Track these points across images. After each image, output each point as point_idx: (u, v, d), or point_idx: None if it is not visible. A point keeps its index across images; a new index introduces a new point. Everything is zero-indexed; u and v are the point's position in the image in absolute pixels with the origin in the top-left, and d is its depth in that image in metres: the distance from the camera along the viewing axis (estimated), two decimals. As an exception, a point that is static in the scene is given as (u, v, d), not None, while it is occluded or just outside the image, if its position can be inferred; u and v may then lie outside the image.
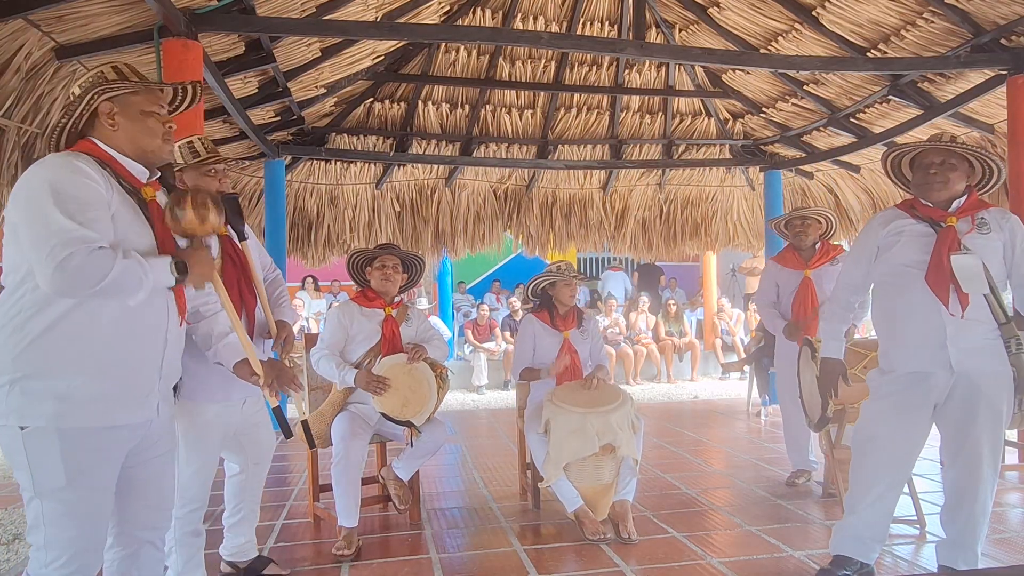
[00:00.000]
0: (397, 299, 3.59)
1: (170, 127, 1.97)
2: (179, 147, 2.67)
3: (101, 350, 1.79)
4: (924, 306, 2.61)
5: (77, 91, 1.87)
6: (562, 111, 7.41)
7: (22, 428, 1.74)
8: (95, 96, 1.85)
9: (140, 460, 1.94)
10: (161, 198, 1.98)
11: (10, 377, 1.75)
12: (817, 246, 4.33)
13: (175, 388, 2.17)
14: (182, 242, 1.95)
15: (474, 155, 7.38)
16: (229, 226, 2.69)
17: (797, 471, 4.34)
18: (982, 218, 2.65)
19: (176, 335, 1.98)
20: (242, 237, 2.72)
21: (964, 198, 2.68)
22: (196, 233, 1.93)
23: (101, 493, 1.84)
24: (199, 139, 2.74)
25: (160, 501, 2.04)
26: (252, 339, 2.72)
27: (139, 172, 1.92)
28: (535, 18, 6.44)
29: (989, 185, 2.77)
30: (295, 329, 3.15)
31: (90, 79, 1.87)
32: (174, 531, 2.58)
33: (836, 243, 4.50)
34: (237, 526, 2.88)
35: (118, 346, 1.81)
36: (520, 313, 9.56)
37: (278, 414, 2.26)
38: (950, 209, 2.67)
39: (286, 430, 2.27)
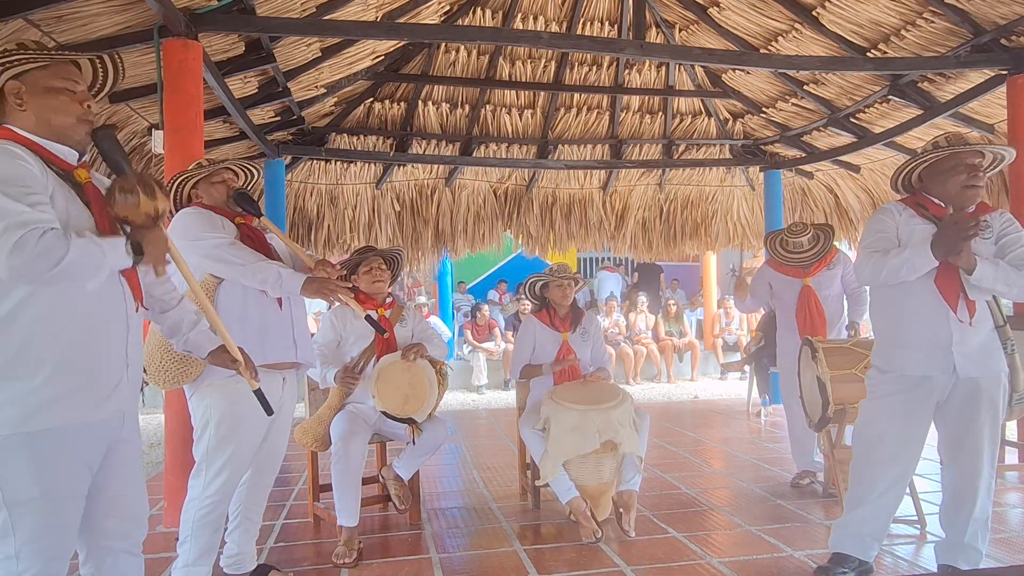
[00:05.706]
0: (389, 299, 3.60)
1: (88, 107, 1.81)
2: (191, 168, 2.78)
3: (61, 345, 1.70)
4: (931, 309, 2.59)
5: None
6: (562, 111, 7.40)
7: None
8: None
9: (108, 466, 1.84)
10: (99, 179, 1.87)
11: None
12: None
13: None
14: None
15: (474, 155, 7.38)
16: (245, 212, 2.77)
17: (802, 472, 4.33)
18: (985, 221, 2.64)
19: (136, 321, 1.90)
20: (258, 214, 2.79)
21: None
22: (136, 216, 1.75)
23: (72, 501, 1.75)
24: (205, 159, 2.87)
25: (131, 511, 1.95)
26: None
27: (66, 154, 1.80)
28: (535, 18, 6.44)
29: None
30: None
31: None
32: (192, 520, 2.55)
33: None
34: (231, 534, 2.84)
35: (79, 339, 1.72)
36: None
37: (259, 395, 2.25)
38: None
39: (268, 409, 2.26)
